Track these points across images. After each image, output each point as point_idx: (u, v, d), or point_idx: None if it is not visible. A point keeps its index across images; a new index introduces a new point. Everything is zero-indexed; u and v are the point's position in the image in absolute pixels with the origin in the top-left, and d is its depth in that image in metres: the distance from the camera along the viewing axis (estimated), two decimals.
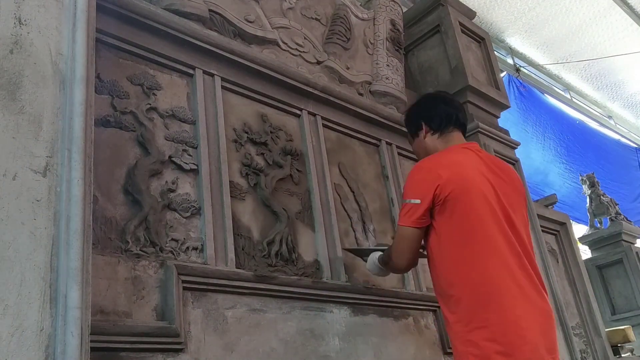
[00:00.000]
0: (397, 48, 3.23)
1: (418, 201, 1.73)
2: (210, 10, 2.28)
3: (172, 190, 1.90)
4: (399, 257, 1.85)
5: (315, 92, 2.59)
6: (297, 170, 2.41)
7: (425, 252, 1.86)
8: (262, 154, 2.30)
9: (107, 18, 1.87)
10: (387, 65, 3.10)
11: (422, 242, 1.82)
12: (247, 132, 2.27)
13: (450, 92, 3.35)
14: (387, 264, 1.99)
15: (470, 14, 3.89)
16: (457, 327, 1.64)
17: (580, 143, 8.45)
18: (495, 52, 4.20)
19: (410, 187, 1.80)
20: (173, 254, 1.81)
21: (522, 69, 8.40)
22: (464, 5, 3.88)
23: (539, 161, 7.53)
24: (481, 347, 1.56)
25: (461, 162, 1.80)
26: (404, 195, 1.81)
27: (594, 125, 9.70)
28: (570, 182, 7.67)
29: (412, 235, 1.77)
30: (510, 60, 8.34)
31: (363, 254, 2.27)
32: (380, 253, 2.08)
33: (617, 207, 6.35)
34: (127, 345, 1.54)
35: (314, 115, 2.61)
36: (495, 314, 1.59)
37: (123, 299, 1.62)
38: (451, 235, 1.70)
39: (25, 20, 1.32)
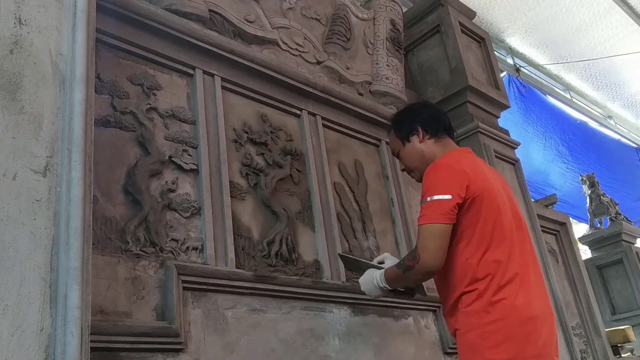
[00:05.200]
0: (397, 48, 3.23)
1: (448, 196, 1.66)
2: (210, 10, 2.28)
3: (172, 190, 1.91)
4: (431, 257, 1.65)
5: (315, 92, 2.59)
6: (297, 170, 2.41)
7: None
8: (262, 154, 2.29)
9: (107, 18, 1.87)
10: (387, 65, 3.10)
11: None
12: (247, 132, 2.27)
13: (450, 92, 3.39)
14: (408, 270, 1.73)
15: (470, 14, 3.88)
16: (473, 319, 1.65)
17: (581, 143, 8.44)
18: (495, 52, 4.19)
19: (434, 184, 1.72)
20: (173, 254, 1.81)
21: (522, 69, 8.38)
22: (464, 5, 3.88)
23: (539, 161, 7.52)
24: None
25: (477, 164, 1.82)
26: (427, 193, 1.71)
27: (594, 125, 9.69)
28: (571, 181, 7.65)
29: (444, 232, 1.66)
30: (510, 60, 8.32)
31: (355, 266, 2.09)
32: (381, 270, 1.87)
33: (617, 207, 6.35)
34: (127, 345, 1.55)
35: (314, 115, 2.61)
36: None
37: (123, 299, 1.62)
38: (474, 234, 1.70)
39: (25, 20, 1.32)
